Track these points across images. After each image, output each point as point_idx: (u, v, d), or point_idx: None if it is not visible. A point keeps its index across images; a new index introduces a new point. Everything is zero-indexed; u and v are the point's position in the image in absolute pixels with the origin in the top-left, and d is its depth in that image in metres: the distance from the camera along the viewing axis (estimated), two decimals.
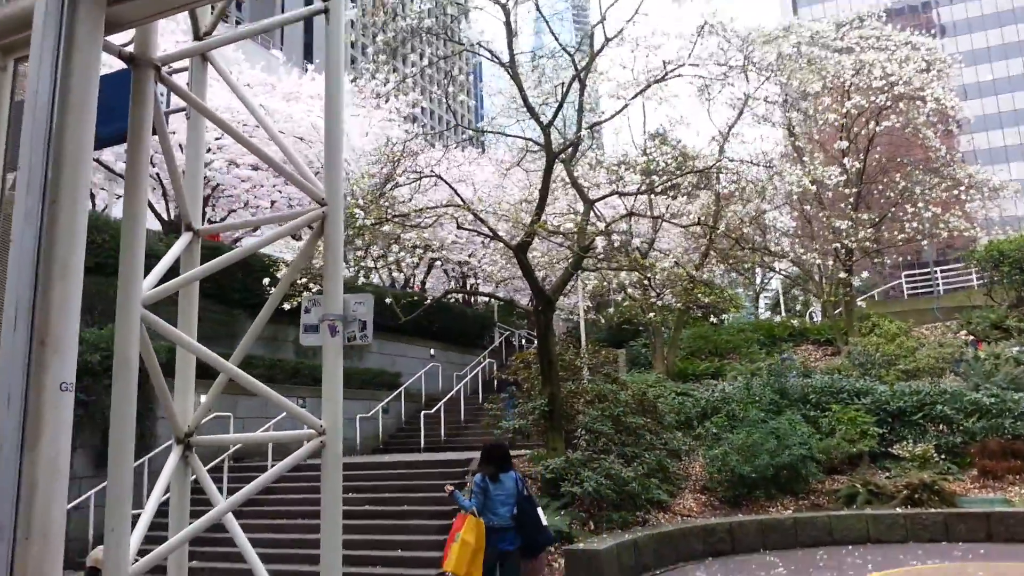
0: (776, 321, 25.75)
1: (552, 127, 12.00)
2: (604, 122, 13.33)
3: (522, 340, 26.25)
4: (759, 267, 24.67)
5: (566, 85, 11.94)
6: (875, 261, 23.74)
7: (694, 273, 14.23)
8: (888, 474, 12.03)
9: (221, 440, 5.29)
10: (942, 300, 25.15)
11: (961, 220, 20.18)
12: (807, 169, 13.41)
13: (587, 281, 18.17)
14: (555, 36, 11.80)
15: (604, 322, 25.67)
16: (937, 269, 29.17)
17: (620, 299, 21.32)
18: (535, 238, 12.29)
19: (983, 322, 19.10)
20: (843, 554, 10.21)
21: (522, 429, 12.79)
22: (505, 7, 11.57)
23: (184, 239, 4.84)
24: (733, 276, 26.39)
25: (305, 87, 20.88)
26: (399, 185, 10.91)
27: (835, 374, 15.38)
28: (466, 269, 25.81)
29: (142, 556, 4.06)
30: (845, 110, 17.30)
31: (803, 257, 17.73)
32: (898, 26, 21.03)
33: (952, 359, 16.49)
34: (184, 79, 5.15)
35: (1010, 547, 10.03)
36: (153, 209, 17.99)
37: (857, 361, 16.87)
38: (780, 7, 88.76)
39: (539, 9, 12.71)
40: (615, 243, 13.26)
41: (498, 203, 13.66)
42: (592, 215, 12.72)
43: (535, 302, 12.34)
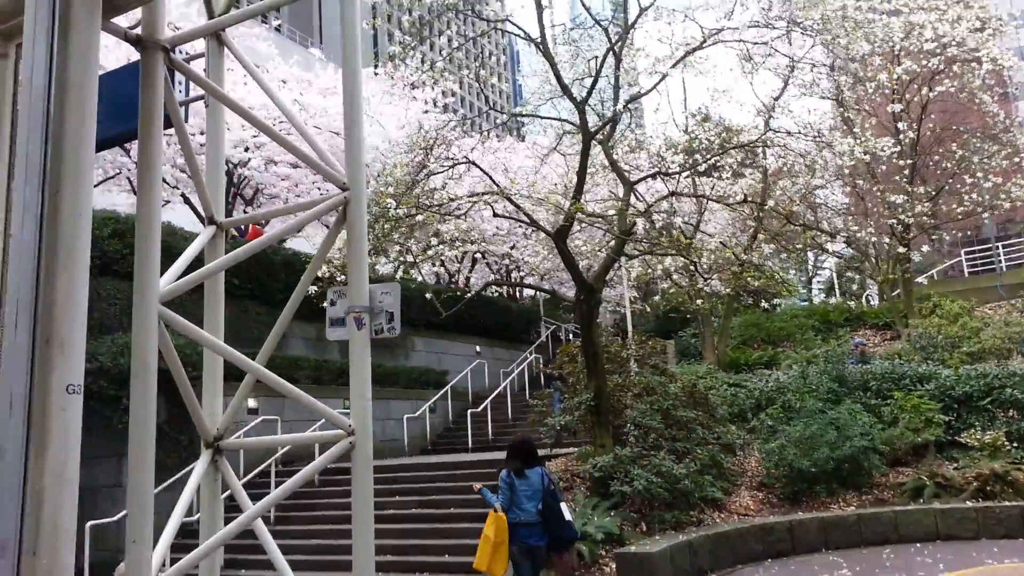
0: (831, 305, 24.98)
1: (587, 106, 11.60)
2: (642, 96, 12.82)
3: (569, 334, 25.93)
4: (811, 249, 23.89)
5: (600, 60, 11.51)
6: (933, 237, 22.80)
7: (743, 256, 13.67)
8: (956, 465, 11.34)
9: (247, 443, 5.10)
10: (1005, 277, 24.06)
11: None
12: (859, 140, 12.74)
13: (631, 269, 17.74)
14: (586, 8, 11.38)
15: (651, 312, 25.19)
16: (999, 244, 27.96)
17: (666, 286, 20.83)
18: (574, 223, 11.92)
19: None
20: (911, 552, 9.64)
21: (568, 425, 12.46)
22: None
23: (207, 232, 4.66)
24: (784, 258, 25.65)
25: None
26: (433, 173, 10.64)
27: (895, 359, 14.72)
28: (509, 262, 25.57)
29: (173, 564, 3.89)
30: (896, 76, 16.51)
31: (857, 235, 16.99)
32: None
33: (1020, 339, 15.68)
34: (201, 67, 4.97)
35: None
36: (189, 203, 18.00)
37: (918, 344, 16.16)
38: None
39: None
40: (656, 224, 12.79)
41: (531, 185, 13.27)
42: (633, 197, 12.30)
43: (576, 291, 11.98)
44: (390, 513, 11.28)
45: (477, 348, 21.72)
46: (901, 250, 18.36)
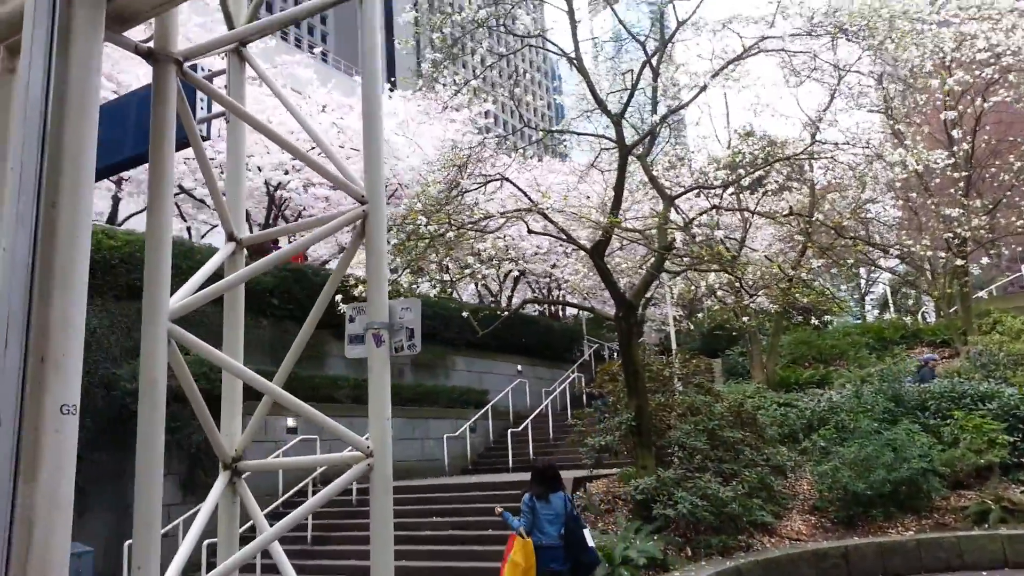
0: (885, 322, 24.13)
1: (624, 120, 11.36)
2: (680, 108, 12.53)
3: (612, 353, 25.53)
4: (863, 265, 23.16)
5: (636, 72, 11.28)
6: (991, 252, 21.92)
7: (791, 272, 13.20)
8: (1023, 488, 10.77)
9: (266, 465, 4.96)
10: None
11: None
12: (911, 151, 12.25)
13: (673, 286, 17.34)
14: (621, 22, 11.21)
15: (695, 330, 24.66)
16: None
17: (711, 303, 20.35)
18: (612, 239, 11.65)
19: None
20: None
21: (609, 446, 12.12)
22: None
23: (226, 249, 4.55)
24: (834, 273, 24.89)
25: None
26: (466, 191, 10.53)
27: (955, 377, 14.05)
28: (550, 281, 25.34)
29: None
30: (948, 87, 15.96)
31: (912, 249, 16.36)
32: None
33: None
34: (223, 84, 4.90)
35: None
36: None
37: (979, 362, 15.43)
38: None
39: None
40: (696, 238, 12.45)
41: (564, 199, 13.05)
42: (673, 213, 11.99)
43: (616, 308, 11.69)
44: (425, 534, 11.09)
45: (518, 367, 21.47)
46: (959, 262, 17.64)
